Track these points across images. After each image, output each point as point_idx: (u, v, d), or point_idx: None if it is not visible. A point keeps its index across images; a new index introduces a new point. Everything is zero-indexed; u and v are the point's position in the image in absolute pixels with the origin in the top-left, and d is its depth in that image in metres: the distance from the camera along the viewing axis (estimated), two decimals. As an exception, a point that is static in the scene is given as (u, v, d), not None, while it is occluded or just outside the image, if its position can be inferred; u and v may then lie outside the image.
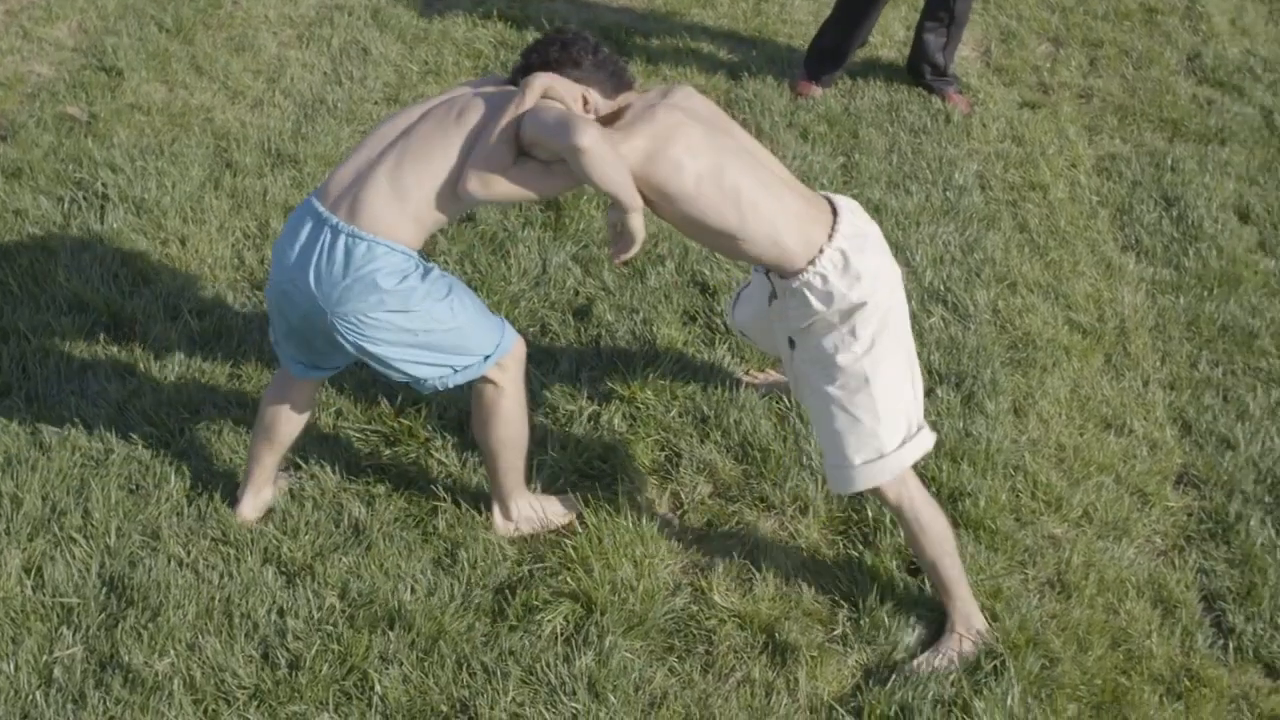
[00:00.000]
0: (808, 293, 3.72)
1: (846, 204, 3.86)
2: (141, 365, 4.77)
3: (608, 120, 3.72)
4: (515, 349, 3.89)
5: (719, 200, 3.62)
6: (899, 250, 5.61)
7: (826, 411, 3.83)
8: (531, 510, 4.17)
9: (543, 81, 3.60)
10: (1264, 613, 4.16)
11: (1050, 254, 5.75)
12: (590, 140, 3.40)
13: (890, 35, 7.50)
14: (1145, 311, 5.46)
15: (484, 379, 3.86)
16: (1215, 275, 5.67)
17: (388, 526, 4.21)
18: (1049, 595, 4.19)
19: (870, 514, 4.35)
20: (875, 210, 5.90)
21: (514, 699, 3.73)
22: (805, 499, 4.42)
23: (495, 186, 3.57)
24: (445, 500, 4.32)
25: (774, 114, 6.63)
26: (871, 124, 6.67)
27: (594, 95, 3.71)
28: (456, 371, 3.80)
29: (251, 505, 4.22)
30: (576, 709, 3.71)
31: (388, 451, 4.50)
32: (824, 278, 3.69)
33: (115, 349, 4.85)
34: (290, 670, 3.75)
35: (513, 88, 3.68)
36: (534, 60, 3.72)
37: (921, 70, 6.98)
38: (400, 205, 3.60)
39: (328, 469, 4.39)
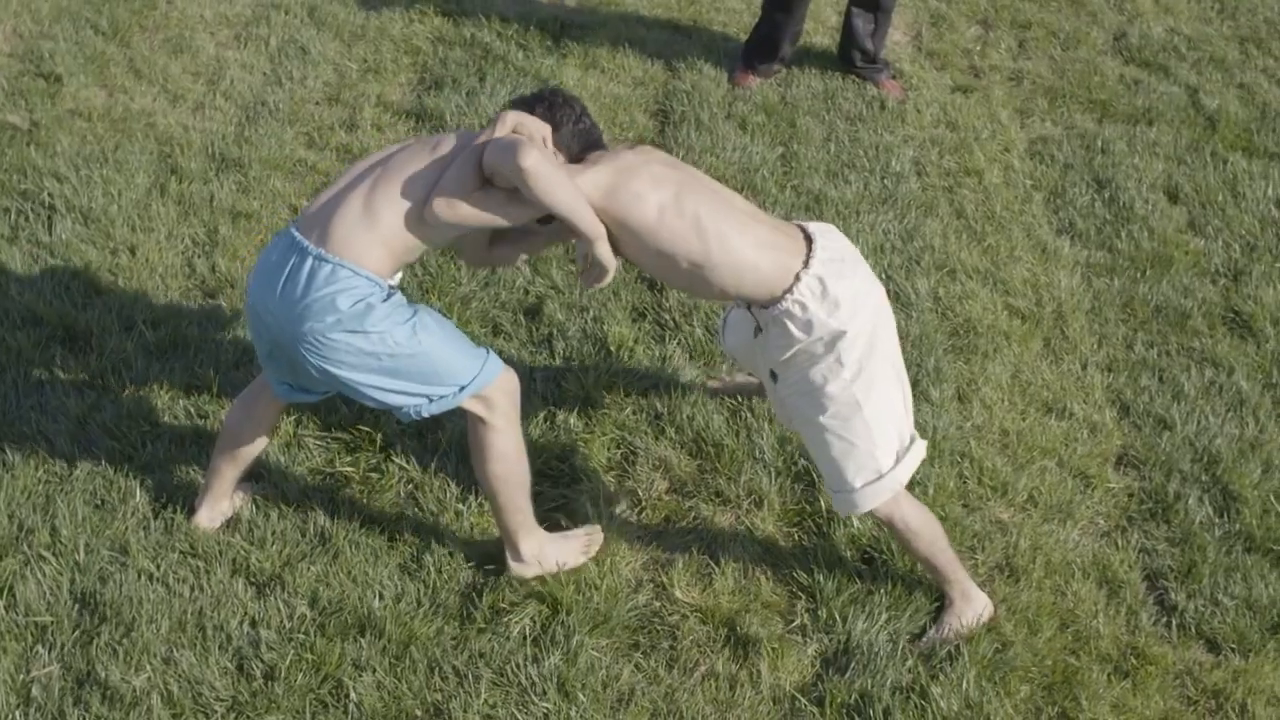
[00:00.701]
0: (787, 321, 3.80)
1: (821, 230, 3.94)
2: (99, 379, 4.81)
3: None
4: (500, 382, 3.87)
5: (681, 229, 3.70)
6: (841, 240, 5.73)
7: (821, 440, 3.91)
8: (546, 549, 4.14)
9: (513, 118, 3.69)
10: (1204, 590, 4.33)
11: (987, 239, 5.89)
12: (532, 160, 3.49)
13: (822, 21, 7.61)
14: (1081, 295, 5.62)
15: (474, 416, 3.87)
16: (1147, 256, 5.84)
17: (353, 533, 4.28)
18: (999, 579, 4.33)
19: (823, 506, 4.48)
20: (815, 200, 6.02)
21: (486, 701, 3.82)
22: (759, 493, 4.54)
23: (459, 209, 3.64)
24: (408, 505, 4.41)
25: (712, 105, 6.72)
26: (808, 113, 6.78)
27: (561, 158, 3.80)
28: (431, 401, 3.80)
29: (208, 516, 4.28)
30: (548, 709, 3.81)
31: (348, 458, 4.57)
32: (802, 305, 3.77)
33: (72, 362, 4.88)
34: (266, 681, 3.83)
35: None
36: (519, 109, 3.81)
37: (852, 57, 7.09)
38: (370, 229, 3.66)
39: (290, 477, 4.46)
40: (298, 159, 6.18)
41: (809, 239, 3.87)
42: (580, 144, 3.84)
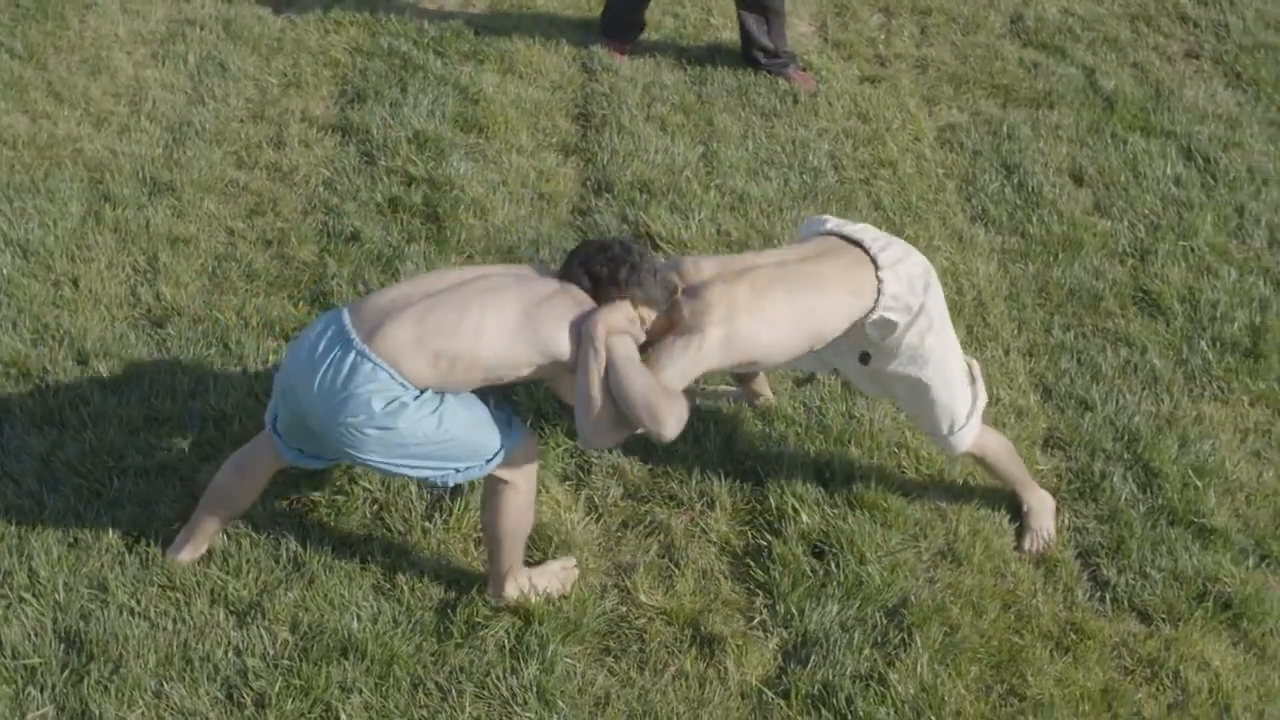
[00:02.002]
0: (889, 315, 4.17)
1: (838, 223, 4.32)
2: (58, 415, 4.89)
3: (661, 322, 4.04)
4: (523, 449, 4.04)
5: (802, 327, 4.08)
6: (767, 240, 5.94)
7: (929, 394, 4.34)
8: (529, 584, 4.30)
9: (603, 327, 3.82)
10: (1134, 564, 4.60)
11: (906, 230, 6.11)
12: (671, 429, 3.80)
13: (730, 17, 7.77)
14: (999, 281, 5.88)
15: (495, 477, 4.03)
16: (1058, 240, 6.11)
17: (325, 557, 4.42)
18: (942, 565, 4.57)
19: (773, 503, 4.69)
20: (740, 199, 6.22)
21: (471, 714, 4.00)
22: (711, 494, 4.74)
23: (614, 435, 3.90)
24: (375, 526, 4.55)
25: (631, 107, 6.88)
26: (724, 110, 6.97)
27: (648, 314, 3.99)
28: (458, 472, 3.96)
29: (190, 555, 4.39)
30: (530, 718, 3.99)
31: (312, 482, 4.69)
32: (894, 297, 4.15)
33: (29, 401, 4.95)
34: (258, 708, 3.97)
35: (555, 283, 3.96)
36: (601, 274, 3.93)
37: (755, 57, 7.28)
38: (420, 342, 3.76)
39: (259, 505, 4.57)
40: (229, 179, 6.26)
41: (850, 240, 4.24)
42: (663, 293, 3.99)
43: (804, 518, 4.63)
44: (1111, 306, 5.75)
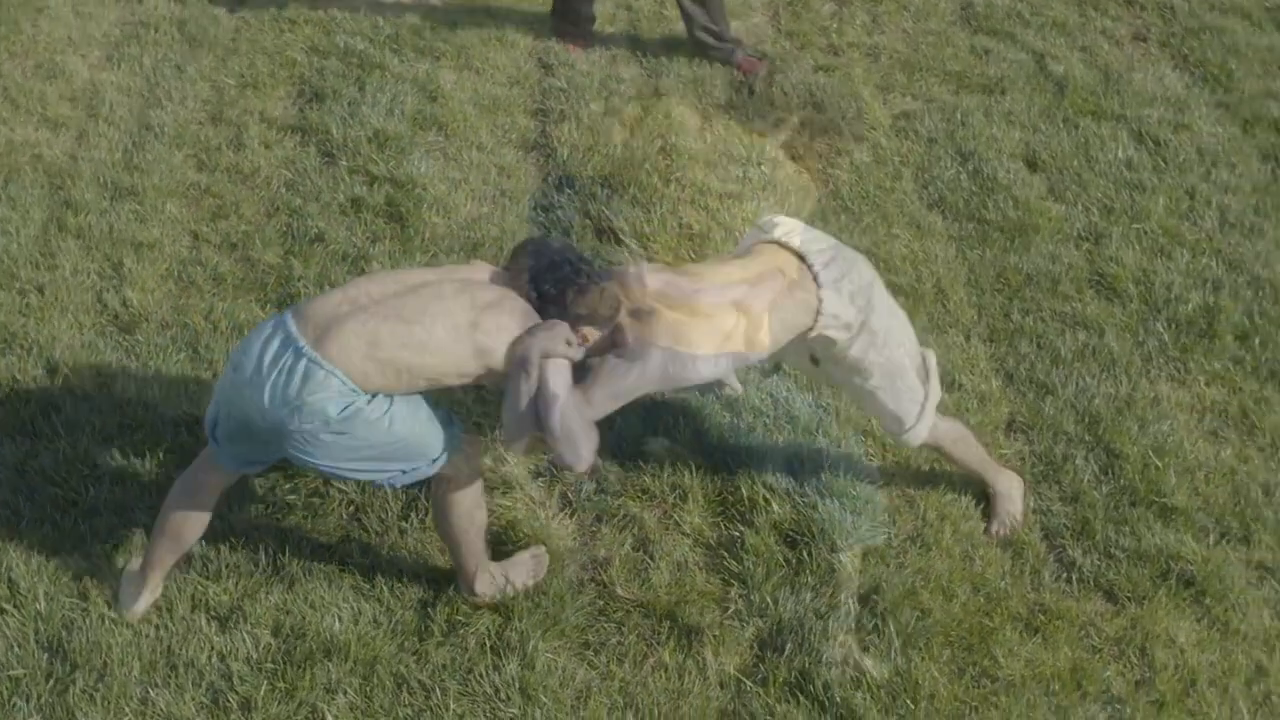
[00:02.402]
0: (829, 333, 4.25)
1: (787, 230, 4.36)
2: (30, 425, 4.90)
3: (604, 340, 4.11)
4: (465, 446, 4.10)
5: (741, 356, 4.14)
6: (728, 232, 6.01)
7: (876, 399, 4.45)
8: (503, 579, 4.36)
9: (537, 352, 3.87)
10: (1098, 545, 4.71)
11: (865, 219, 6.20)
12: (585, 462, 3.99)
13: (684, 8, 7.84)
14: (957, 268, 5.97)
15: (440, 477, 4.09)
16: (1014, 226, 6.20)
17: (304, 560, 4.46)
18: (912, 550, 4.66)
19: (745, 494, 4.76)
20: (700, 192, 6.28)
21: (455, 712, 4.06)
22: (683, 487, 4.80)
23: (532, 451, 4.16)
24: (352, 527, 4.60)
25: (588, 102, 6.92)
26: (682, 102, 7.02)
27: (592, 333, 4.04)
28: (405, 473, 4.01)
29: (146, 602, 4.29)
30: (514, 714, 4.05)
31: (288, 485, 4.73)
32: (835, 316, 4.22)
33: (1, 411, 4.96)
34: (244, 712, 4.01)
35: (500, 289, 4.00)
36: (549, 294, 3.97)
37: (699, 38, 7.32)
38: (370, 350, 3.79)
39: (235, 510, 4.60)
40: (190, 183, 6.26)
41: (794, 252, 4.28)
42: (608, 312, 4.04)
43: (775, 508, 4.70)
44: (1068, 290, 5.85)
